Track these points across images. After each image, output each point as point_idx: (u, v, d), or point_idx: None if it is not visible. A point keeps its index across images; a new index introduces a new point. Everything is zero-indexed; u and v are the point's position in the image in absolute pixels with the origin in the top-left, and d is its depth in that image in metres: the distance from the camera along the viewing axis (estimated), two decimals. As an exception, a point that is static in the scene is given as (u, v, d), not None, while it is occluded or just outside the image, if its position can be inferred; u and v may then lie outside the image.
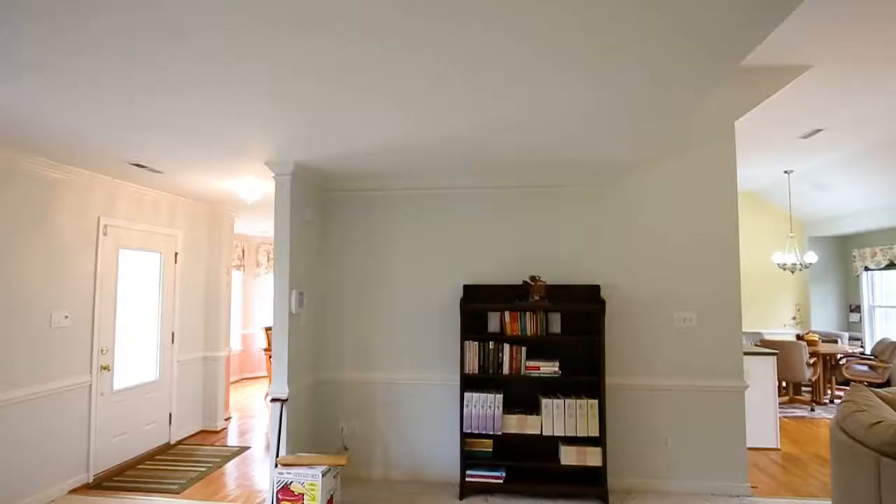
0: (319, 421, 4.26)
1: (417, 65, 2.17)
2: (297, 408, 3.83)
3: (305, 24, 1.84)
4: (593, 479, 3.74)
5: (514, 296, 4.02)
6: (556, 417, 3.74)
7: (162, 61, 2.13)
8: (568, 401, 3.74)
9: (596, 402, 3.71)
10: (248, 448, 5.01)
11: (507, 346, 3.84)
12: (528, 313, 3.86)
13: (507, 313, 3.88)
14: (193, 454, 4.81)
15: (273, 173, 3.81)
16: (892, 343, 6.83)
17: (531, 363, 3.82)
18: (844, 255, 8.59)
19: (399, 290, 4.30)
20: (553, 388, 3.96)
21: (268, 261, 9.12)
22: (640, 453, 3.97)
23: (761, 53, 3.67)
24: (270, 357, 6.61)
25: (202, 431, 5.55)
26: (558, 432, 3.72)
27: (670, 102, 2.60)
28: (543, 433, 3.74)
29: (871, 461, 2.31)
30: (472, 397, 3.80)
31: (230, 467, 4.49)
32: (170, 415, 5.10)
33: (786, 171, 7.19)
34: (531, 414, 3.79)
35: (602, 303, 3.78)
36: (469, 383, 3.87)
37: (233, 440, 5.29)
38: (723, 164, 4.05)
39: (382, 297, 4.32)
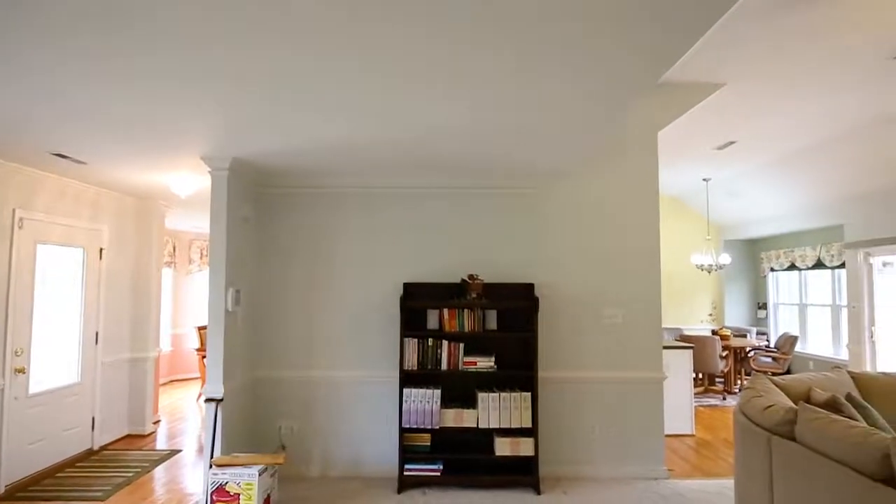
0: (256, 420, 4.20)
1: (352, 70, 2.23)
2: (232, 407, 3.77)
3: (239, 24, 1.85)
4: (526, 468, 3.93)
5: (452, 293, 4.14)
6: (492, 410, 3.89)
7: (95, 49, 2.06)
8: (503, 394, 3.90)
9: (529, 395, 3.89)
10: (178, 451, 4.85)
11: (445, 343, 3.95)
12: (466, 310, 3.99)
13: (445, 310, 4.00)
14: (119, 459, 4.60)
15: (209, 168, 3.72)
16: (792, 337, 7.56)
17: (468, 359, 3.95)
18: (754, 257, 9.38)
19: (340, 287, 4.32)
20: (489, 382, 4.12)
21: (201, 258, 8.79)
22: (569, 442, 4.21)
23: (681, 71, 3.98)
24: (203, 357, 6.40)
25: (129, 436, 5.30)
26: (493, 425, 3.88)
27: (599, 114, 2.80)
28: (479, 426, 3.88)
29: (765, 440, 2.60)
30: (411, 393, 3.89)
31: (159, 472, 4.34)
32: (93, 419, 4.84)
33: (704, 179, 7.77)
34: (468, 408, 3.92)
35: (536, 300, 3.98)
36: (408, 379, 3.95)
37: (162, 444, 5.10)
38: (647, 172, 4.36)
39: (323, 295, 4.32)
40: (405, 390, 3.88)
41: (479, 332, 4.00)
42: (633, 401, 4.23)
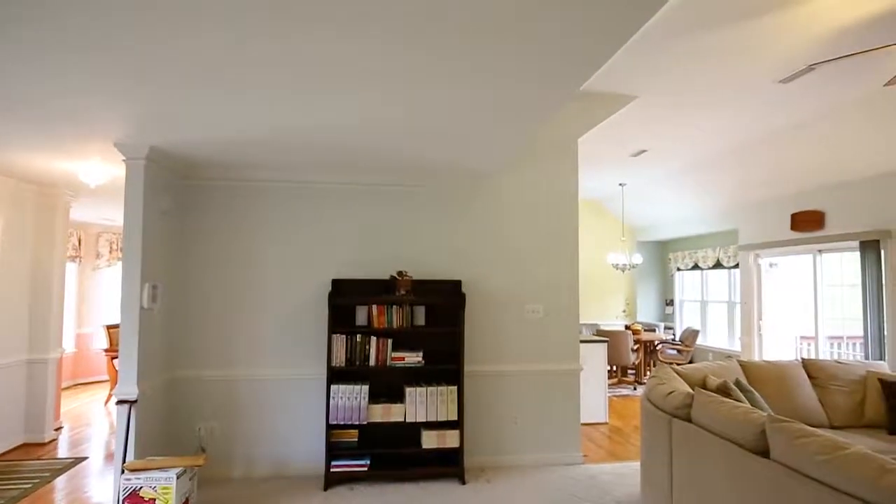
0: (174, 423, 4.02)
1: (272, 62, 2.22)
2: (147, 409, 3.59)
3: (154, 4, 1.79)
4: (452, 459, 4.04)
5: (381, 290, 4.18)
6: (419, 404, 3.98)
7: (-4, 27, 1.91)
8: (430, 388, 4.00)
9: (455, 388, 4.01)
10: (84, 459, 4.53)
11: (374, 339, 3.98)
12: (394, 306, 4.04)
13: (374, 307, 4.03)
14: (14, 470, 4.23)
15: (124, 156, 3.52)
16: (694, 331, 8.26)
17: (397, 354, 4.01)
18: (663, 257, 10.14)
19: (266, 283, 4.22)
20: (417, 377, 4.20)
21: (110, 252, 8.19)
22: (493, 433, 4.38)
23: (599, 83, 4.25)
24: (113, 358, 6.00)
25: (25, 445, 4.87)
26: (420, 418, 3.96)
27: (523, 120, 2.96)
28: (407, 420, 3.95)
29: (666, 422, 2.87)
30: (339, 389, 3.89)
31: (61, 482, 4.04)
32: (-19, 427, 4.41)
33: (620, 184, 8.30)
34: (396, 402, 3.98)
35: (463, 297, 4.10)
36: (336, 376, 3.95)
37: (64, 452, 4.73)
38: (568, 176, 4.61)
39: (248, 291, 4.20)
40: (333, 387, 3.88)
41: (408, 327, 4.07)
42: (552, 392, 4.48)
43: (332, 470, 3.84)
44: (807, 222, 6.11)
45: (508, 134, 3.25)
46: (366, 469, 3.88)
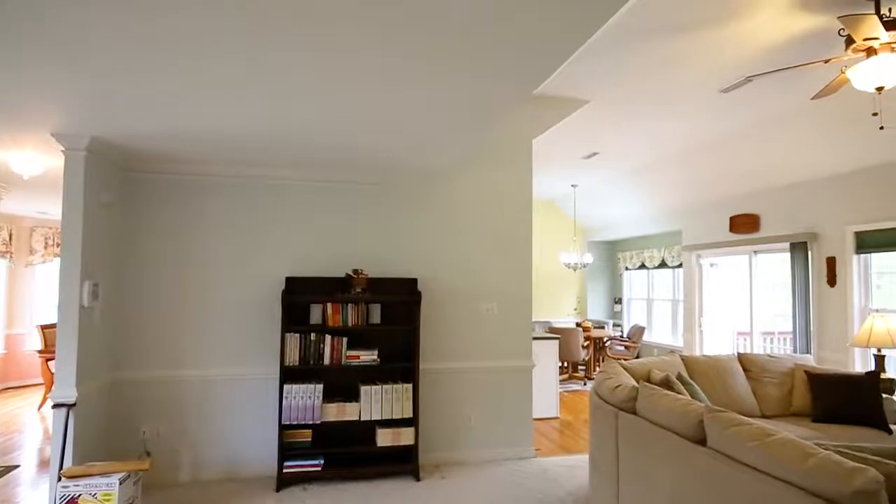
0: (117, 426, 3.85)
1: (221, 51, 2.18)
2: (87, 413, 3.43)
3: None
4: (407, 457, 4.06)
5: (336, 288, 4.14)
6: (374, 403, 3.97)
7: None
8: (385, 386, 4.00)
9: (411, 386, 4.03)
10: (15, 467, 4.27)
11: (328, 337, 3.95)
12: (350, 305, 4.02)
13: (329, 305, 3.99)
14: (-65, 481, 3.94)
15: (63, 147, 3.34)
16: (641, 328, 8.60)
17: (352, 353, 3.99)
18: (612, 257, 10.49)
19: (217, 281, 4.10)
20: (372, 375, 4.19)
21: (46, 247, 7.72)
22: (448, 430, 4.43)
23: (553, 86, 4.36)
24: (49, 360, 5.68)
25: (-53, 454, 4.54)
26: (375, 416, 3.96)
27: (479, 120, 3.01)
28: (362, 418, 3.94)
29: (613, 415, 2.99)
30: (292, 389, 3.83)
31: (-10, 491, 3.80)
32: None
33: (572, 185, 8.53)
34: (351, 401, 3.96)
35: (418, 295, 4.13)
36: (289, 375, 3.89)
37: (-7, 460, 4.45)
38: (522, 176, 4.71)
39: (198, 289, 4.07)
40: (286, 386, 3.82)
41: (363, 326, 4.05)
42: (505, 388, 4.57)
43: (284, 471, 3.78)
44: (744, 225, 6.48)
45: (464, 133, 3.29)
46: (319, 469, 3.84)
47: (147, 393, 3.93)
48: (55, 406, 3.25)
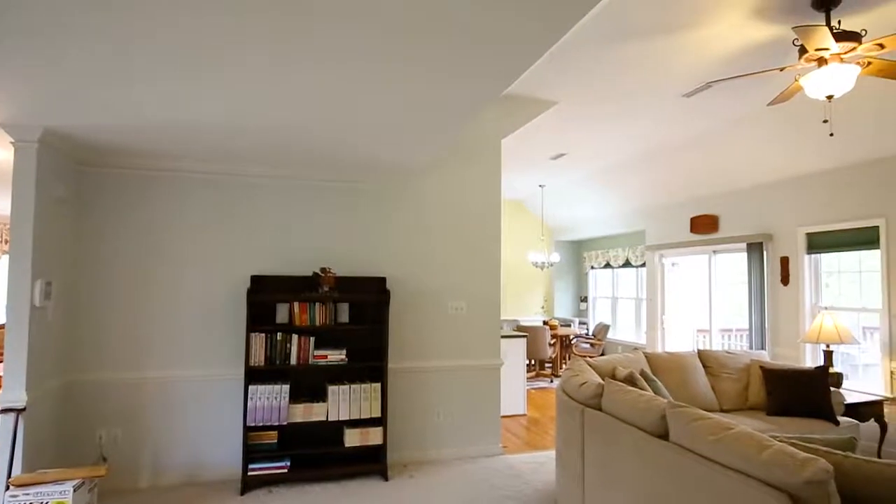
0: (71, 431, 3.69)
1: (192, 48, 2.13)
2: (38, 417, 3.28)
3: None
4: (375, 457, 4.04)
5: (304, 287, 4.08)
6: (342, 403, 3.93)
7: None
8: (353, 386, 3.97)
9: (379, 385, 4.01)
10: (-41, 475, 4.04)
11: (295, 337, 3.89)
12: (317, 304, 3.97)
13: (296, 304, 3.93)
14: None
15: (12, 139, 3.18)
16: (606, 325, 8.79)
17: (319, 352, 3.94)
18: (578, 256, 10.68)
19: (179, 280, 3.98)
20: (340, 375, 4.15)
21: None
22: (417, 429, 4.42)
23: (523, 87, 4.41)
24: (-5, 362, 5.39)
25: None
26: (344, 417, 3.92)
27: (447, 119, 3.02)
28: (329, 419, 3.90)
29: (579, 412, 3.05)
30: (258, 390, 3.76)
31: (-69, 502, 3.58)
32: None
33: (540, 185, 8.64)
34: (318, 401, 3.91)
35: (387, 294, 4.10)
36: (254, 376, 3.81)
37: (-66, 469, 4.19)
38: (491, 175, 4.74)
39: (159, 288, 3.94)
40: (251, 387, 3.74)
41: (332, 325, 4.01)
42: (473, 386, 4.59)
43: (249, 474, 3.71)
44: (704, 225, 6.70)
45: (434, 133, 3.29)
46: (286, 471, 3.78)
47: (104, 396, 3.78)
48: (2, 411, 3.09)
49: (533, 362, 8.35)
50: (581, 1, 1.78)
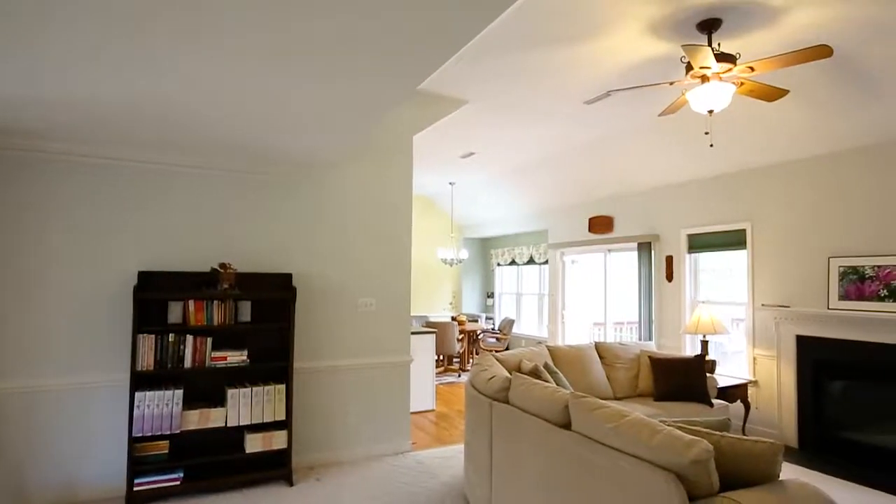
0: None
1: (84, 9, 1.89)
2: None
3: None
4: (280, 461, 3.86)
5: (201, 283, 3.79)
6: (243, 406, 3.72)
7: None
8: (255, 388, 3.76)
9: (284, 386, 3.84)
10: None
11: (190, 338, 3.60)
12: (216, 302, 3.71)
13: (191, 302, 3.64)
14: None
15: None
16: (511, 320, 9.11)
17: (217, 354, 3.69)
18: (485, 253, 10.97)
19: (53, 276, 3.52)
20: (241, 377, 3.91)
21: None
22: (324, 430, 4.29)
23: (435, 84, 4.42)
24: None
25: None
26: (245, 421, 3.71)
27: (359, 113, 2.94)
28: (228, 424, 3.66)
29: (487, 405, 3.12)
30: (146, 396, 3.44)
31: None
32: None
33: (450, 183, 8.75)
34: (216, 406, 3.66)
35: (293, 290, 3.93)
36: (142, 381, 3.48)
37: None
38: (402, 172, 4.71)
39: (26, 285, 3.46)
40: (138, 394, 3.41)
41: (231, 324, 3.76)
42: (382, 384, 4.54)
43: (135, 489, 3.38)
44: (601, 226, 7.15)
45: (345, 132, 3.20)
46: (178, 483, 3.50)
47: (-49, 411, 3.26)
48: None
49: (441, 357, 8.45)
50: (470, 27, 1.82)
